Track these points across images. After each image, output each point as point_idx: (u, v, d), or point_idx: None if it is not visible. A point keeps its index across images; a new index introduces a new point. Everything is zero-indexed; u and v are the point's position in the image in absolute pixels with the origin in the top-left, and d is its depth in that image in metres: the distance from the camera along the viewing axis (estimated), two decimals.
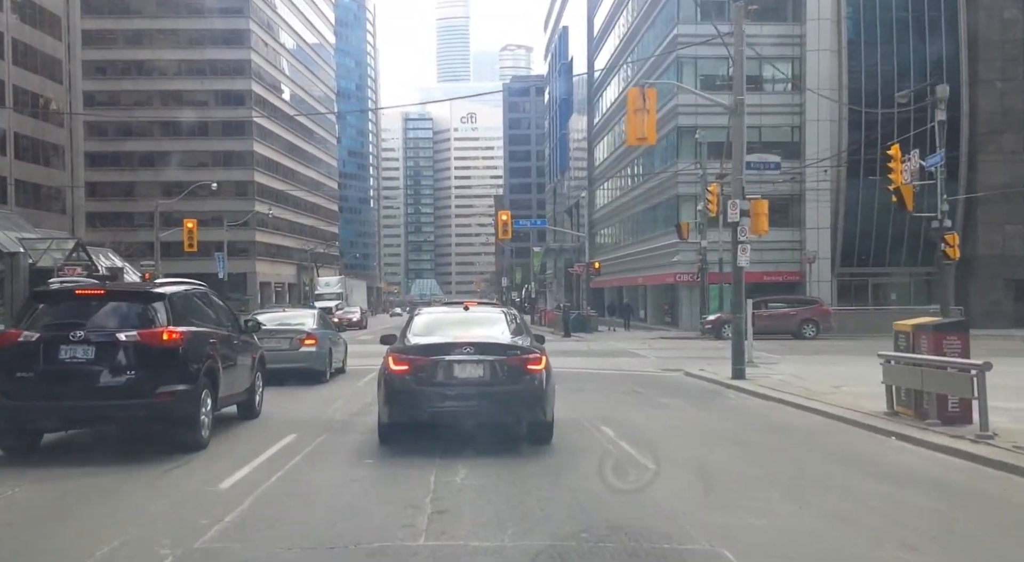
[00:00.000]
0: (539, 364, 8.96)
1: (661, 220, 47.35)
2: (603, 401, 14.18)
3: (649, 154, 49.12)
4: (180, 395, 8.72)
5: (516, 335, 9.59)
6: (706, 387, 17.03)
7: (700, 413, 12.91)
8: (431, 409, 8.85)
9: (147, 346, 8.58)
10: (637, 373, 20.58)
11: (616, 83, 58.68)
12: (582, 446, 9.52)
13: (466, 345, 8.91)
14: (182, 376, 8.84)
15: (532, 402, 8.91)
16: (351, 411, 12.70)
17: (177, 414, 8.75)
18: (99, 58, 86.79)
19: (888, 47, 40.67)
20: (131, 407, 8.57)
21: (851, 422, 11.47)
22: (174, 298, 9.40)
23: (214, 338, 9.99)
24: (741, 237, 17.41)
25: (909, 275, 42.35)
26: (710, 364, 21.50)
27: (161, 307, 8.99)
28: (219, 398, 9.81)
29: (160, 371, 8.66)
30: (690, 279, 41.31)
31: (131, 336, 8.58)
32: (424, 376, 8.78)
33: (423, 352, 8.96)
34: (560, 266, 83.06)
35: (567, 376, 18.74)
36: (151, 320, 8.84)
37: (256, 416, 11.57)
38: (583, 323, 44.80)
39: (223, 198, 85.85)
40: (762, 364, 20.24)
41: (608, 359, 25.08)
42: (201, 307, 10.36)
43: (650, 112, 17.33)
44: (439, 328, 9.75)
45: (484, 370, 8.75)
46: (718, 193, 36.23)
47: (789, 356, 24.64)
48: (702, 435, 10.80)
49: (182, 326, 9.09)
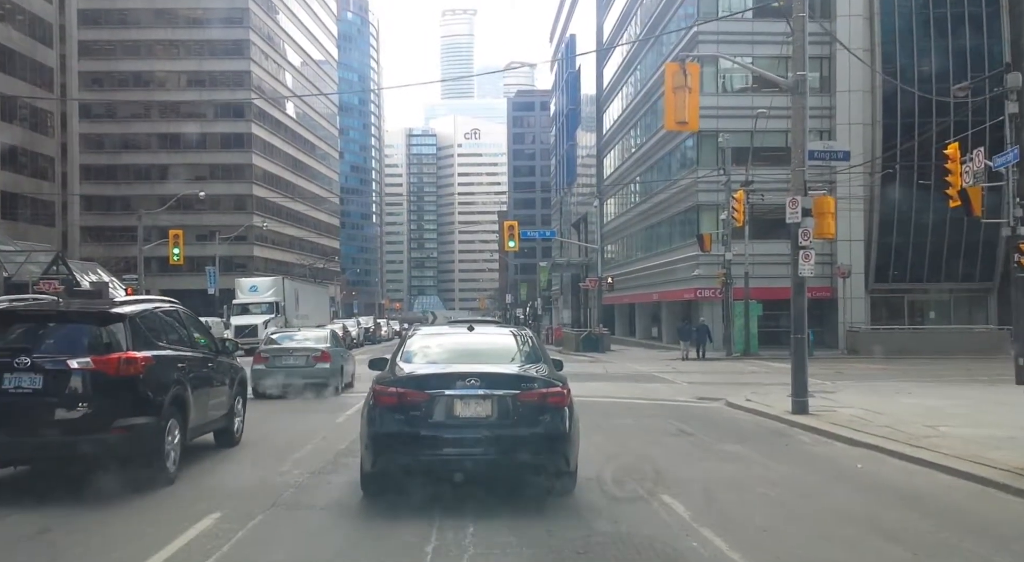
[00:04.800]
0: (562, 400, 7.30)
1: (678, 232, 44.35)
2: (647, 446, 11.18)
3: (665, 162, 46.19)
4: (140, 428, 7.83)
5: (532, 363, 7.93)
6: (765, 425, 13.98)
7: (784, 468, 9.79)
8: (426, 456, 7.19)
9: (102, 374, 7.65)
10: (672, 403, 17.57)
11: (627, 91, 55.95)
12: (648, 537, 6.40)
13: (470, 376, 7.26)
14: (143, 407, 7.95)
15: (552, 448, 7.22)
16: (315, 466, 9.59)
17: (136, 450, 7.82)
18: (96, 69, 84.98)
19: (925, 44, 37.80)
20: (84, 443, 7.58)
21: (1003, 488, 8.39)
22: (136, 318, 8.46)
23: (183, 362, 9.08)
24: (803, 241, 14.44)
25: (949, 292, 39.21)
26: (753, 392, 18.49)
27: (120, 328, 8.06)
28: (189, 428, 8.90)
29: (117, 402, 7.74)
30: (712, 295, 38.28)
31: (84, 362, 7.64)
32: (418, 415, 7.14)
33: (416, 385, 7.30)
34: (567, 282, 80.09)
35: (592, 407, 15.75)
36: (108, 344, 7.93)
37: (236, 444, 10.69)
38: (595, 342, 41.91)
39: (222, 212, 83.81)
40: (818, 393, 17.17)
41: (633, 385, 22.05)
42: (171, 326, 9.47)
43: (692, 91, 14.43)
44: (437, 354, 8.07)
45: (492, 407, 7.15)
46: (744, 201, 33.41)
47: (839, 383, 21.56)
48: (818, 514, 7.43)
49: (145, 350, 8.20)
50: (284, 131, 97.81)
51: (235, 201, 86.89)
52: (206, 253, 71.61)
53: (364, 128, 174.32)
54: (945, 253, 37.54)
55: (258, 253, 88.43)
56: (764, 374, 26.05)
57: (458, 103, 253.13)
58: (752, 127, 35.95)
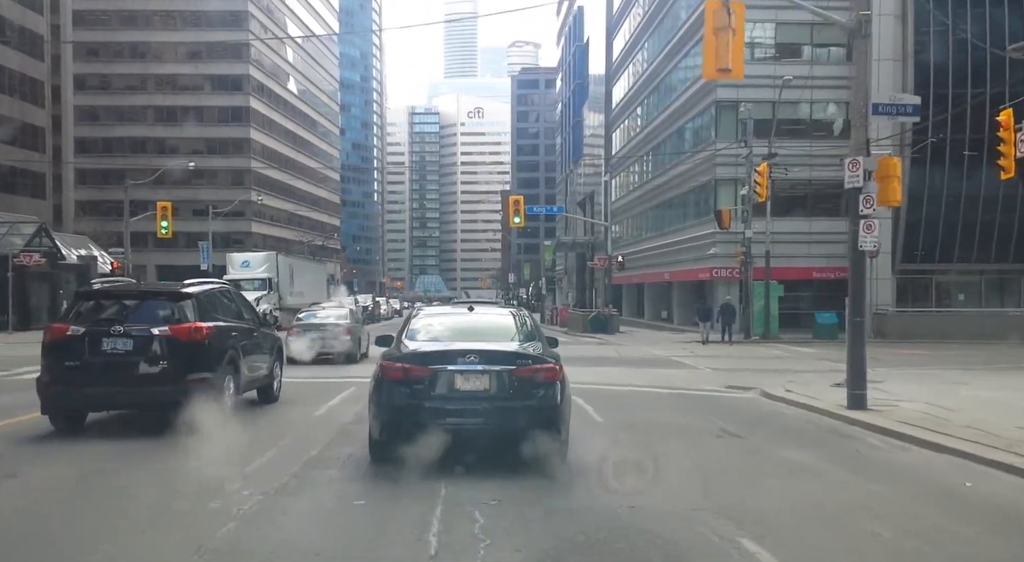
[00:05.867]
0: (554, 375, 7.89)
1: (693, 209, 42.15)
2: (688, 452, 9.18)
3: (680, 135, 43.90)
4: (205, 381, 9.64)
5: (528, 341, 8.52)
6: (819, 422, 11.98)
7: (874, 487, 7.64)
8: (429, 426, 7.69)
9: (177, 339, 9.55)
10: (699, 394, 15.58)
11: (639, 59, 53.52)
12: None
13: (470, 353, 7.86)
14: (207, 365, 9.78)
15: (546, 418, 7.81)
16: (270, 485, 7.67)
17: (204, 398, 9.32)
18: (91, 39, 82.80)
19: (960, 11, 35.40)
20: (164, 392, 9.45)
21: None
22: (200, 296, 10.31)
23: (235, 331, 10.93)
24: (865, 209, 12.37)
25: (980, 273, 37.07)
26: (789, 381, 16.52)
27: (189, 305, 9.93)
28: (240, 384, 10.77)
29: (188, 360, 9.58)
30: (729, 274, 36.20)
31: (163, 330, 9.57)
32: (422, 388, 7.78)
33: (420, 360, 7.93)
34: (572, 261, 77.96)
35: (610, 398, 13.85)
36: (181, 316, 9.79)
37: (275, 401, 12.57)
38: (603, 323, 39.92)
39: (219, 187, 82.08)
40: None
41: (650, 371, 20.04)
42: (225, 303, 11.29)
43: (737, 33, 12.34)
44: (439, 332, 8.71)
45: (490, 382, 7.77)
46: (767, 175, 31.27)
47: (879, 370, 19.50)
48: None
49: (207, 321, 10.02)
50: (284, 106, 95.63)
51: (233, 176, 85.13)
52: (203, 229, 69.71)
53: (366, 105, 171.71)
54: (977, 232, 35.41)
55: (256, 229, 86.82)
56: (792, 359, 24.04)
57: (461, 82, 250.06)
58: (775, 97, 33.81)
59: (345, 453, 8.74)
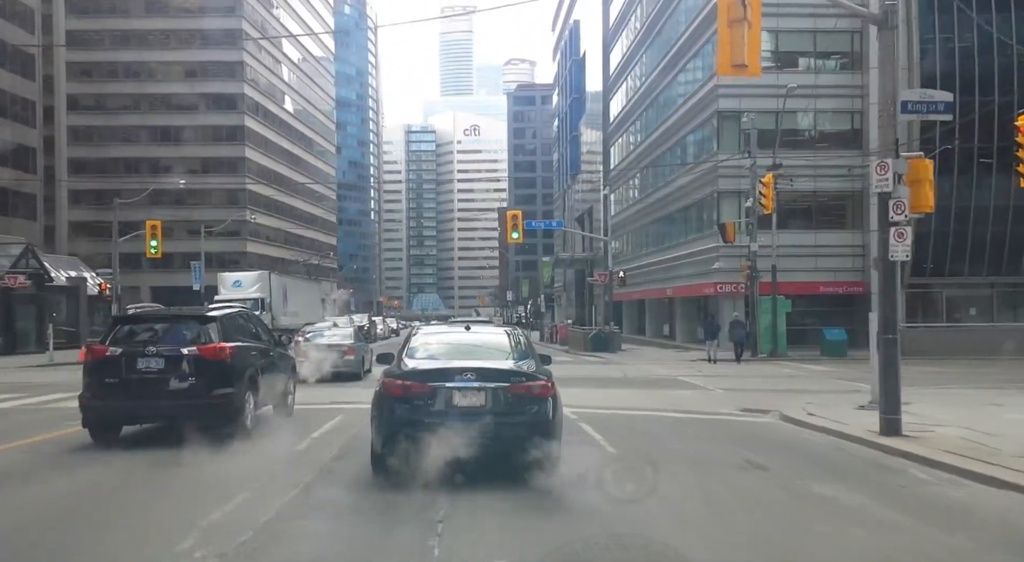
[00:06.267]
0: (546, 391, 8.23)
1: (695, 222, 41.15)
2: (713, 488, 8.10)
3: (681, 147, 42.99)
4: (229, 396, 10.74)
5: (522, 359, 8.85)
6: (850, 450, 10.89)
7: (945, 539, 6.48)
8: (428, 440, 7.87)
9: (203, 358, 10.63)
10: (714, 418, 14.50)
11: (637, 73, 52.79)
12: None
13: (467, 370, 8.18)
14: (230, 381, 10.82)
15: (539, 432, 8.07)
16: (227, 544, 6.59)
17: (226, 411, 10.70)
18: (85, 59, 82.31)
19: (965, 16, 34.58)
20: (192, 406, 10.53)
21: None
22: (223, 320, 11.47)
23: (254, 351, 11.87)
24: (896, 216, 11.35)
25: (991, 286, 36.01)
26: (808, 402, 15.44)
27: (213, 327, 11.05)
28: (259, 400, 11.66)
29: (214, 377, 10.63)
30: (734, 289, 35.15)
31: (191, 351, 10.69)
32: (421, 404, 8.13)
33: (420, 378, 8.28)
34: (570, 278, 76.93)
35: (619, 424, 12.82)
36: (206, 338, 10.87)
37: (290, 415, 13.30)
38: (605, 341, 38.71)
39: (214, 206, 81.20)
40: None
41: (659, 393, 18.96)
42: (244, 325, 12.25)
43: (753, 26, 11.38)
44: (438, 351, 9.09)
45: (486, 398, 8.05)
46: (773, 186, 30.34)
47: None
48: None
49: (230, 342, 11.06)
50: (279, 125, 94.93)
51: (228, 195, 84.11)
52: (198, 249, 68.62)
53: (362, 123, 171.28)
54: (988, 244, 34.38)
55: (252, 249, 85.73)
56: (805, 378, 22.96)
57: (457, 100, 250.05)
58: (777, 107, 32.94)
59: (325, 499, 7.72)
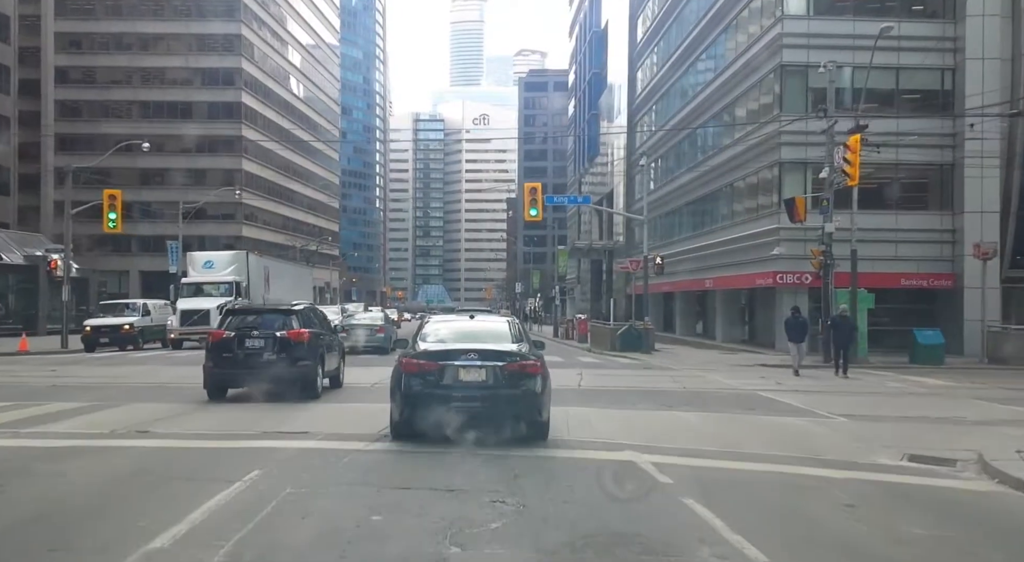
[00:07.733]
0: (536, 370, 9.97)
1: (747, 201, 35.33)
2: None
3: (729, 113, 37.14)
4: (308, 367, 14.88)
5: (517, 343, 10.57)
6: None
7: None
8: (439, 409, 9.77)
9: (289, 339, 14.85)
10: (878, 480, 8.65)
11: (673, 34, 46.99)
12: None
13: (471, 352, 9.95)
14: (309, 356, 14.96)
15: (530, 403, 9.95)
16: None
17: (306, 378, 14.87)
18: (73, 30, 77.24)
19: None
20: (283, 374, 14.56)
21: None
22: (301, 312, 15.83)
23: (321, 335, 16.12)
24: None
25: None
26: (998, 441, 9.86)
27: (295, 317, 15.43)
28: (324, 371, 15.73)
29: (297, 353, 14.86)
30: (797, 281, 29.50)
31: (282, 334, 14.91)
32: (432, 379, 9.85)
33: (432, 358, 10.01)
34: (586, 269, 71.41)
35: (736, 493, 7.11)
36: (290, 325, 15.19)
37: (340, 386, 17.15)
38: (637, 339, 32.71)
39: (208, 187, 75.90)
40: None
41: (749, 419, 13.22)
42: (313, 316, 16.69)
43: None
44: (446, 335, 10.76)
45: (487, 374, 9.80)
46: (860, 151, 24.54)
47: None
48: None
49: (307, 328, 15.36)
50: (279, 103, 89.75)
51: (224, 176, 79.01)
52: (191, 231, 63.55)
53: (368, 109, 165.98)
54: None
55: (247, 233, 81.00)
56: (931, 397, 17.14)
57: (466, 90, 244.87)
58: (852, 60, 27.32)
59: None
